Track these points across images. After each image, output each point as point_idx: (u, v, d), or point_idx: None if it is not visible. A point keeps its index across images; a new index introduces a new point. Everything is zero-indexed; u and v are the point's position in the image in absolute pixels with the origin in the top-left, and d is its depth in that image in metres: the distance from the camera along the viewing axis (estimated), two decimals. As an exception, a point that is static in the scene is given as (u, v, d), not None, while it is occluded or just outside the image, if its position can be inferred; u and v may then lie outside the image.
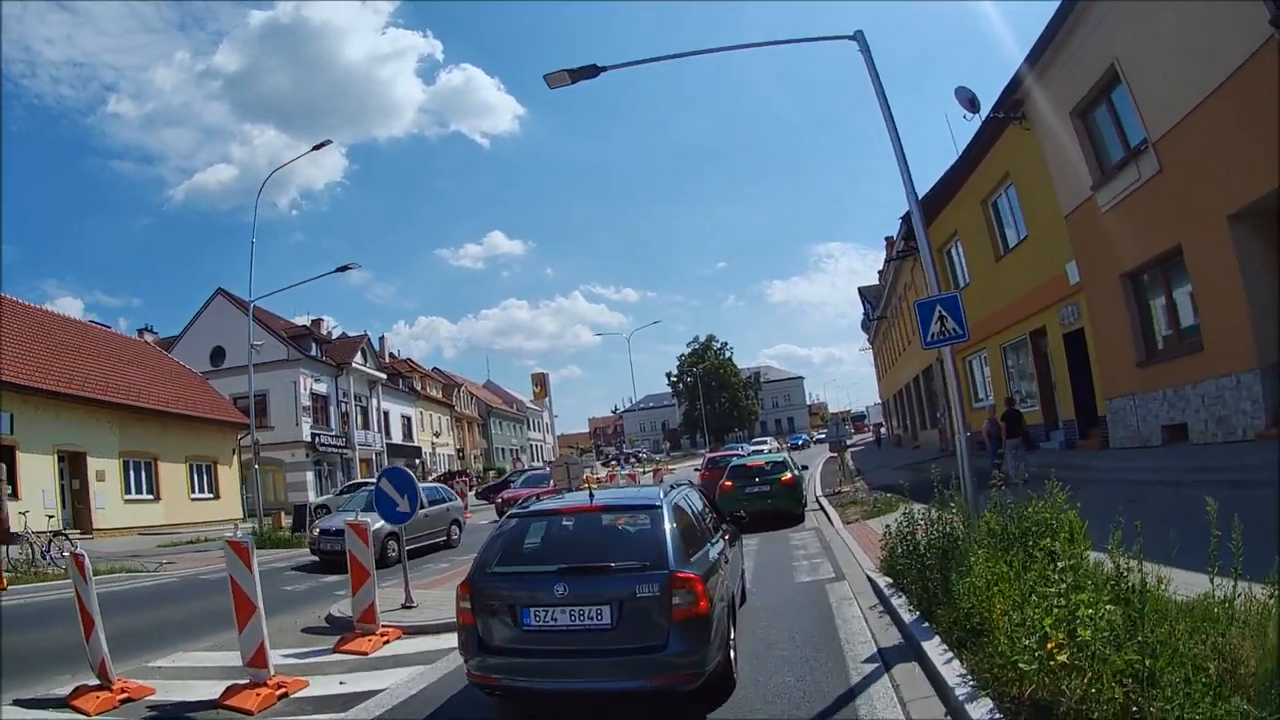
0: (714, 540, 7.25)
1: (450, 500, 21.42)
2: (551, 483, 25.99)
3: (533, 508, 7.12)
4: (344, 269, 27.54)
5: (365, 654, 8.86)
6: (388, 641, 9.26)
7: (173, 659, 9.34)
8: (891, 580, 8.66)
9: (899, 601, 7.75)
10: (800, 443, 67.82)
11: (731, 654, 6.35)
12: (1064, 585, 4.64)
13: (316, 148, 25.79)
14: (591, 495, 6.87)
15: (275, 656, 8.56)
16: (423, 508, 17.07)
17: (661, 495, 6.64)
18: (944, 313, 8.27)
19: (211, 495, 34.69)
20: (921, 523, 8.29)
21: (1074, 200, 17.25)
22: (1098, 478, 10.78)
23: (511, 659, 5.78)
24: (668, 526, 6.08)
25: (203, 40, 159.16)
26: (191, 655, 9.44)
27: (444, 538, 19.87)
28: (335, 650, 9.07)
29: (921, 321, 8.42)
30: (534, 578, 5.98)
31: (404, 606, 10.79)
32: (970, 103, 20.21)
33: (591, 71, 11.05)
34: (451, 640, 7.92)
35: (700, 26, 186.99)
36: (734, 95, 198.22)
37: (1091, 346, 17.82)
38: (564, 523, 6.76)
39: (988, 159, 21.46)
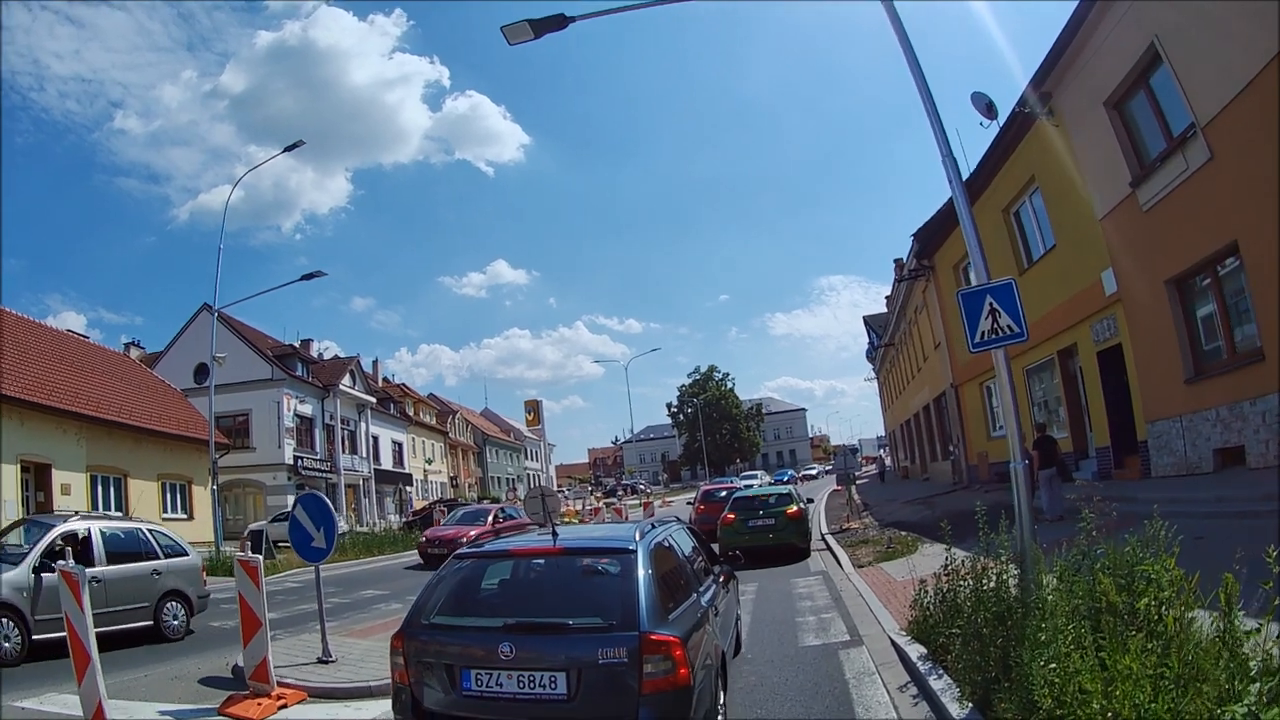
0: (703, 587, 6.25)
1: (168, 555, 12.33)
2: (490, 519, 23.98)
3: (485, 547, 6.19)
4: (309, 277, 26.30)
5: (251, 721, 7.06)
6: (284, 706, 7.43)
7: (41, 699, 7.93)
8: (926, 650, 6.71)
9: (939, 684, 5.79)
10: (785, 479, 54.44)
11: None
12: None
13: (289, 149, 24.41)
14: (555, 535, 5.76)
15: (149, 711, 7.40)
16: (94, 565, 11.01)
17: (637, 536, 5.51)
18: (996, 306, 6.38)
19: (185, 516, 32.91)
20: (965, 574, 6.42)
21: (1111, 200, 15.52)
22: (1151, 511, 8.98)
23: None
24: (642, 575, 5.02)
25: (210, 61, 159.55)
26: (63, 698, 7.82)
27: (145, 621, 11.49)
28: (220, 712, 7.35)
29: (967, 318, 6.49)
30: (476, 633, 5.04)
31: (319, 661, 8.92)
32: (987, 108, 18.79)
33: (558, 23, 9.36)
34: (365, 711, 7.16)
35: (709, 57, 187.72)
36: (745, 129, 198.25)
37: (1130, 364, 15.94)
38: (518, 567, 5.83)
39: (1009, 164, 19.82)
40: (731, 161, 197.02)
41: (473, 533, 21.35)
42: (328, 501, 8.95)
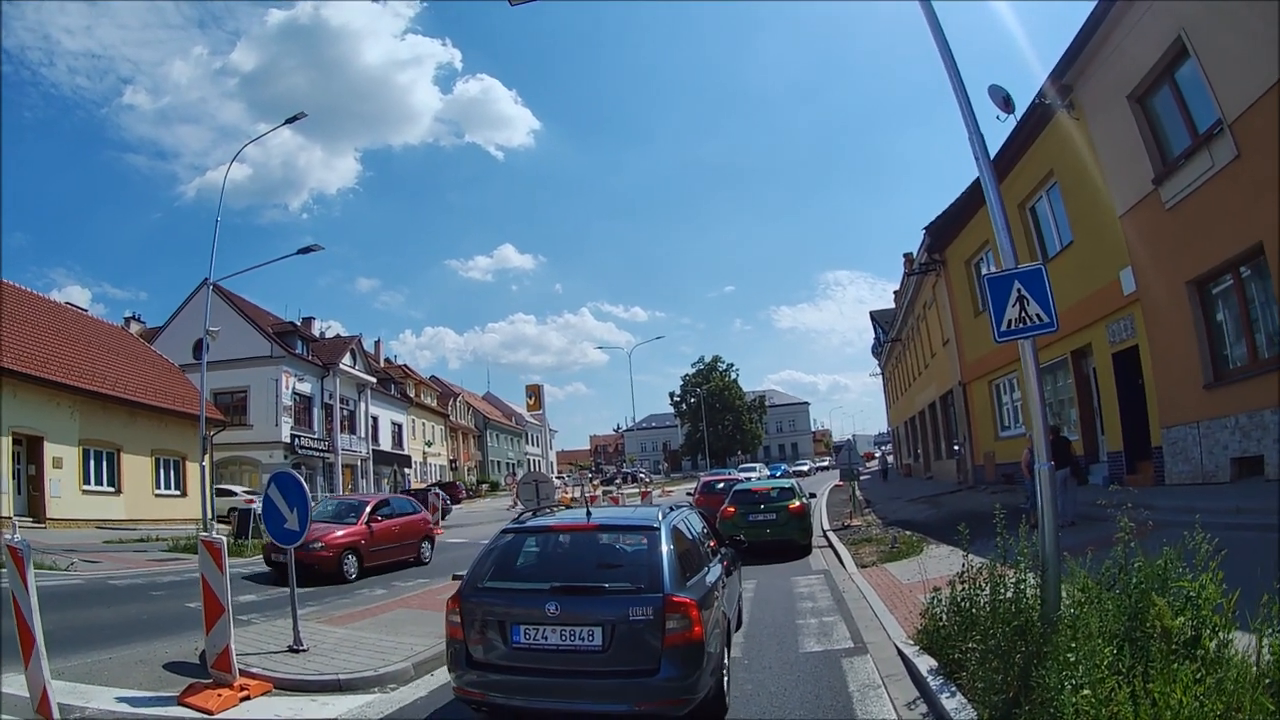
0: (712, 564, 7.15)
1: None
2: (363, 517, 17.10)
3: (529, 523, 6.92)
4: (307, 250, 25.88)
5: (210, 713, 6.64)
6: (247, 698, 6.99)
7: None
8: (937, 664, 6.22)
9: (952, 703, 5.30)
10: (778, 474, 49.57)
11: (725, 680, 6.16)
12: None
13: (290, 120, 23.86)
14: (589, 513, 6.85)
15: (106, 698, 6.98)
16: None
17: (660, 516, 6.50)
18: (1024, 292, 5.89)
19: (178, 492, 32.92)
20: (982, 582, 5.99)
21: (1132, 197, 15.01)
22: (1169, 519, 8.49)
23: (499, 676, 5.67)
24: (665, 549, 5.97)
25: (221, 39, 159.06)
26: (20, 679, 7.26)
27: None
28: (178, 702, 6.90)
29: (994, 305, 5.99)
30: (525, 595, 5.89)
31: (290, 649, 8.43)
32: (1004, 102, 18.16)
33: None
34: (331, 707, 6.91)
35: (720, 48, 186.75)
36: (752, 118, 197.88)
37: (1147, 367, 15.42)
38: (560, 540, 6.72)
39: (1027, 157, 19.28)
40: (740, 152, 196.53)
41: (339, 533, 16.10)
42: (302, 480, 8.46)
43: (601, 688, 5.44)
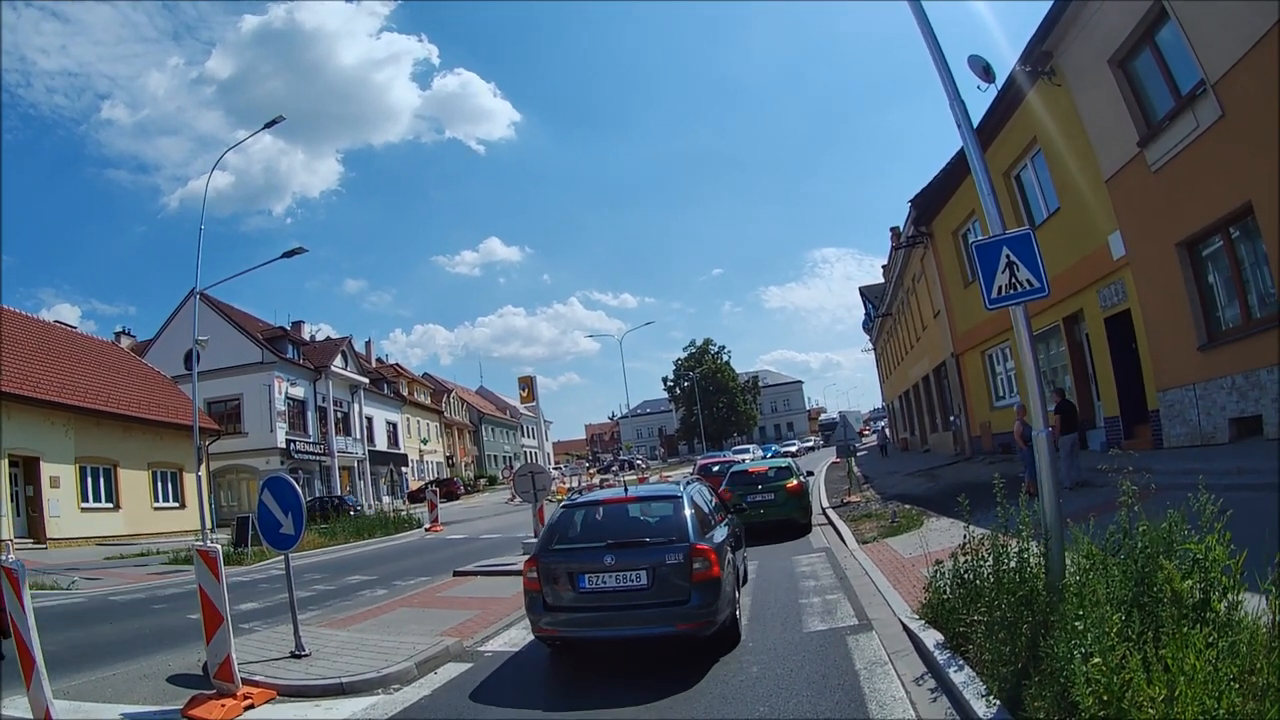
0: (721, 525, 8.76)
1: None
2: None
3: (580, 500, 9.00)
4: (291, 254, 25.64)
5: (213, 724, 6.54)
6: (251, 706, 6.90)
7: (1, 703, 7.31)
8: (943, 638, 6.15)
9: (960, 676, 5.21)
10: (770, 454, 46.78)
11: (738, 612, 7.92)
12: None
13: (269, 125, 23.57)
14: (626, 489, 8.84)
15: (111, 713, 6.98)
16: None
17: (681, 488, 8.48)
18: (1014, 258, 5.82)
19: (176, 504, 32.83)
20: (985, 553, 5.95)
21: (1117, 161, 14.94)
22: (1170, 482, 8.41)
23: (570, 614, 7.29)
24: (688, 511, 7.73)
25: (196, 48, 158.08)
26: (20, 703, 6.96)
27: None
28: (182, 714, 6.80)
29: (984, 272, 5.92)
30: (588, 551, 7.59)
31: (292, 655, 8.29)
32: (984, 71, 17.93)
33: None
34: (337, 711, 6.94)
35: (699, 31, 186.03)
36: (736, 103, 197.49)
37: (1140, 330, 15.40)
38: (608, 509, 8.51)
39: (1009, 126, 19.15)
40: (723, 135, 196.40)
41: None
42: (295, 485, 8.39)
43: (648, 616, 6.98)
